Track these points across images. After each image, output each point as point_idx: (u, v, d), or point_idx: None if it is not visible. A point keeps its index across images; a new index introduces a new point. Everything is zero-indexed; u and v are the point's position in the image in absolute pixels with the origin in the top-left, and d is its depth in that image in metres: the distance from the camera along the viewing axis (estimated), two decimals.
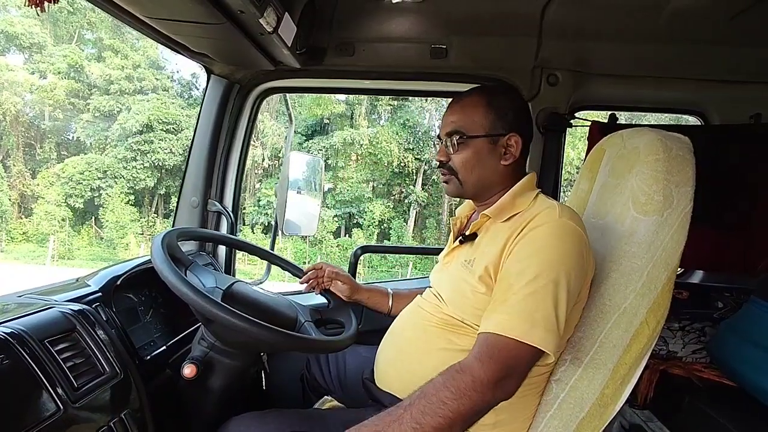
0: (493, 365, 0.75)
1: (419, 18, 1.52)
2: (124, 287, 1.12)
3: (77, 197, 18.10)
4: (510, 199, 0.94)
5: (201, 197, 1.55)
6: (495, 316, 0.80)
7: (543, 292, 0.78)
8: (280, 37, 1.19)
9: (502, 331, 0.77)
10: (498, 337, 0.77)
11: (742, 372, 1.32)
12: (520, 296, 0.78)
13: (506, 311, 0.79)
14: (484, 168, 0.97)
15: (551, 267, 0.79)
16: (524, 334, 0.76)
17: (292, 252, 18.05)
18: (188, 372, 0.97)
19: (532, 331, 0.76)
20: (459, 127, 0.96)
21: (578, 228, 0.84)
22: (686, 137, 0.90)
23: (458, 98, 1.01)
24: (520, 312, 0.77)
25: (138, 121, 18.08)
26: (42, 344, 0.78)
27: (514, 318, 0.77)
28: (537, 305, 0.77)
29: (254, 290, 1.10)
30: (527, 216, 0.88)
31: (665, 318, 0.85)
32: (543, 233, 0.83)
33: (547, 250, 0.81)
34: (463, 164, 0.96)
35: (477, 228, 0.97)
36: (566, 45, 1.50)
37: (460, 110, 0.98)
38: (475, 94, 0.99)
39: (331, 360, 1.26)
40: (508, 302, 0.79)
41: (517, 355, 0.77)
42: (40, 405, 0.73)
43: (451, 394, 0.74)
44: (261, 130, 19.09)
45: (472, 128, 0.95)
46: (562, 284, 0.79)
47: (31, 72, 19.38)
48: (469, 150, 0.95)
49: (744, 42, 1.48)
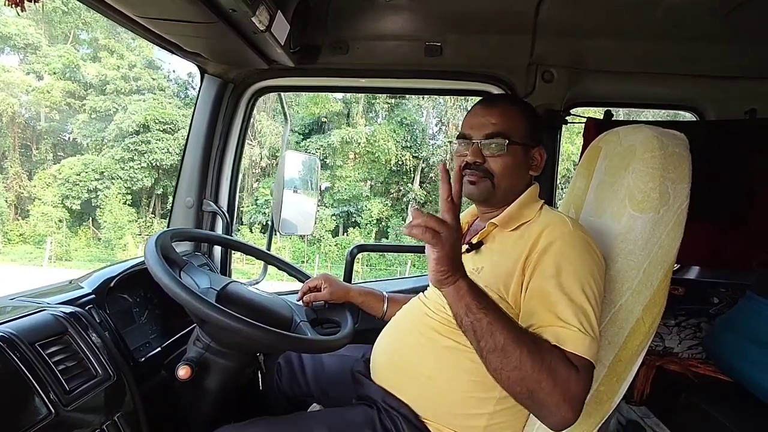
0: (584, 379, 0.73)
1: (414, 15, 1.51)
2: (118, 288, 1.11)
3: (74, 198, 18.03)
4: (517, 209, 0.95)
5: (196, 197, 1.54)
6: (559, 330, 0.76)
7: (586, 306, 0.77)
8: (273, 35, 1.18)
9: (577, 350, 0.74)
10: (577, 357, 0.74)
11: (737, 367, 1.33)
12: (570, 313, 0.76)
13: (567, 327, 0.75)
14: (518, 176, 0.97)
15: (584, 279, 0.79)
16: (587, 350, 0.74)
17: (291, 251, 18.05)
18: (183, 373, 0.97)
19: (592, 345, 0.75)
20: (503, 129, 0.94)
21: (590, 238, 0.85)
22: (682, 134, 0.90)
23: (492, 101, 1.00)
24: (578, 329, 0.75)
25: (134, 122, 18.00)
26: (33, 347, 0.77)
27: (578, 337, 0.74)
28: (587, 319, 0.76)
29: (249, 290, 1.10)
30: (536, 228, 0.88)
31: (661, 315, 0.85)
32: (565, 247, 0.82)
33: (574, 264, 0.80)
34: (503, 169, 0.95)
35: (484, 236, 0.97)
36: (561, 41, 1.50)
37: (501, 114, 0.96)
38: (509, 101, 1.02)
39: (307, 363, 1.23)
40: (562, 320, 0.76)
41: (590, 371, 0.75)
42: (32, 409, 0.72)
43: (548, 373, 0.70)
44: (258, 130, 19.06)
45: (515, 134, 0.95)
46: (595, 295, 0.79)
47: (26, 73, 19.28)
48: (510, 156, 0.95)
49: (739, 38, 1.48)
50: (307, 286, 1.24)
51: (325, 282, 1.23)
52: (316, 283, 1.24)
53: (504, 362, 0.71)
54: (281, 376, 1.24)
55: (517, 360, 0.70)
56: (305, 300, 1.22)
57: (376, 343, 1.08)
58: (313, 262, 17.72)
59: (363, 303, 1.26)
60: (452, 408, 0.90)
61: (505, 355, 0.71)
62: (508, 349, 0.71)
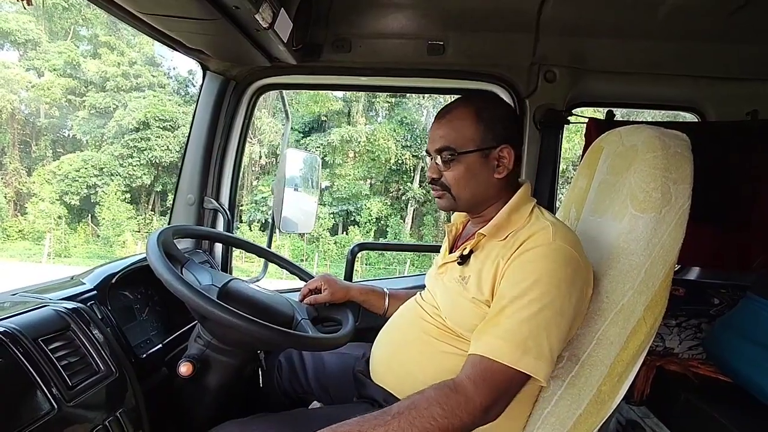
0: (486, 389, 0.76)
1: (416, 14, 1.51)
2: (119, 285, 1.11)
3: (73, 195, 18.01)
4: (506, 216, 0.93)
5: (197, 194, 1.54)
6: (486, 338, 0.80)
7: (536, 319, 0.77)
8: (276, 33, 1.18)
9: (494, 356, 0.77)
10: (490, 362, 0.77)
11: (737, 368, 1.33)
12: (514, 321, 0.78)
13: (499, 335, 0.78)
14: (477, 183, 0.94)
15: (545, 293, 0.78)
16: (516, 361, 0.76)
17: (290, 249, 18.05)
18: (185, 370, 0.97)
19: (524, 358, 0.76)
20: (449, 142, 0.92)
21: (572, 250, 0.83)
22: (684, 134, 0.90)
23: (444, 111, 0.96)
24: (513, 338, 0.77)
25: (134, 118, 18.00)
26: (36, 343, 0.77)
27: (506, 343, 0.77)
28: (530, 332, 0.77)
29: (250, 288, 1.10)
30: (521, 236, 0.87)
31: (663, 315, 0.85)
32: (536, 256, 0.82)
33: (540, 276, 0.80)
34: (456, 181, 0.93)
35: (473, 246, 0.95)
36: (563, 41, 1.50)
37: (448, 125, 0.93)
38: (461, 107, 0.95)
39: (308, 361, 1.23)
40: (500, 326, 0.79)
41: (508, 380, 0.77)
42: (34, 404, 0.72)
43: (443, 412, 0.73)
44: (258, 128, 19.04)
45: (462, 143, 0.91)
46: (556, 310, 0.78)
47: (26, 69, 19.25)
48: (461, 166, 0.92)
49: (741, 39, 1.48)
50: (308, 288, 1.23)
51: (325, 283, 1.22)
52: (316, 285, 1.23)
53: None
54: (282, 373, 1.23)
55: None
56: (306, 302, 1.22)
57: (374, 344, 1.07)
58: (312, 261, 17.72)
59: (364, 301, 1.25)
60: None
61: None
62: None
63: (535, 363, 0.76)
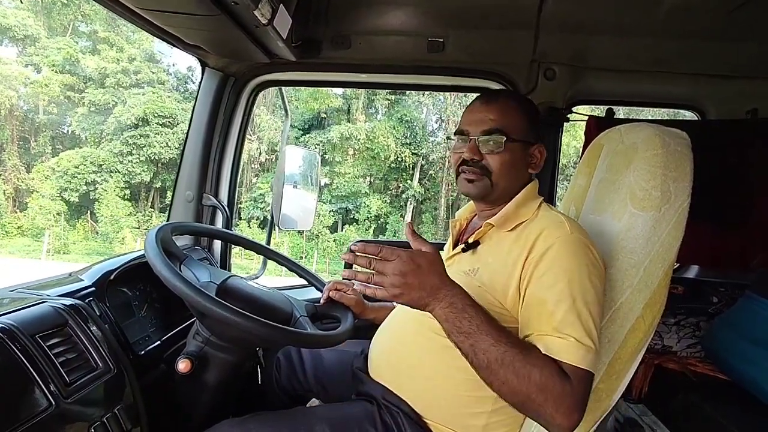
0: (580, 389, 0.73)
1: (416, 11, 1.50)
2: (118, 282, 1.11)
3: (72, 191, 17.99)
4: (514, 208, 0.93)
5: (196, 191, 1.54)
6: (555, 340, 0.76)
7: (583, 314, 0.76)
8: (275, 29, 1.17)
9: (573, 360, 0.74)
10: (573, 368, 0.74)
11: (736, 366, 1.33)
12: (566, 323, 0.76)
13: (563, 338, 0.75)
14: (517, 174, 0.95)
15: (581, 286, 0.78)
16: (582, 360, 0.74)
17: (289, 246, 18.05)
18: (183, 367, 0.97)
19: (589, 354, 0.75)
20: (501, 126, 0.92)
21: (589, 240, 0.84)
22: (684, 132, 0.90)
23: (491, 97, 0.97)
24: (574, 339, 0.75)
25: (134, 115, 17.97)
26: (33, 339, 0.77)
27: (574, 347, 0.74)
28: (584, 328, 0.76)
29: (249, 285, 1.09)
30: (534, 229, 0.86)
31: (661, 313, 0.85)
32: (561, 253, 0.81)
33: (572, 271, 0.79)
34: (500, 166, 0.92)
35: (480, 236, 0.95)
36: (564, 39, 1.49)
37: (500, 110, 0.93)
38: (509, 98, 0.98)
39: (307, 358, 1.22)
40: (558, 330, 0.76)
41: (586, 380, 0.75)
42: (32, 401, 0.72)
43: (537, 388, 0.71)
44: (258, 125, 19.02)
45: (513, 131, 0.92)
46: (593, 301, 0.78)
47: (24, 65, 19.19)
48: (508, 153, 0.92)
49: (741, 37, 1.47)
50: (335, 285, 1.21)
51: (353, 292, 1.20)
52: (343, 286, 1.20)
53: (491, 378, 0.73)
54: (280, 370, 1.23)
55: (504, 377, 0.72)
56: (331, 295, 1.19)
57: (373, 340, 1.07)
58: (312, 258, 17.72)
59: (376, 318, 1.20)
60: (451, 407, 0.90)
61: (491, 372, 0.73)
62: (492, 368, 0.72)
63: (594, 359, 0.75)
